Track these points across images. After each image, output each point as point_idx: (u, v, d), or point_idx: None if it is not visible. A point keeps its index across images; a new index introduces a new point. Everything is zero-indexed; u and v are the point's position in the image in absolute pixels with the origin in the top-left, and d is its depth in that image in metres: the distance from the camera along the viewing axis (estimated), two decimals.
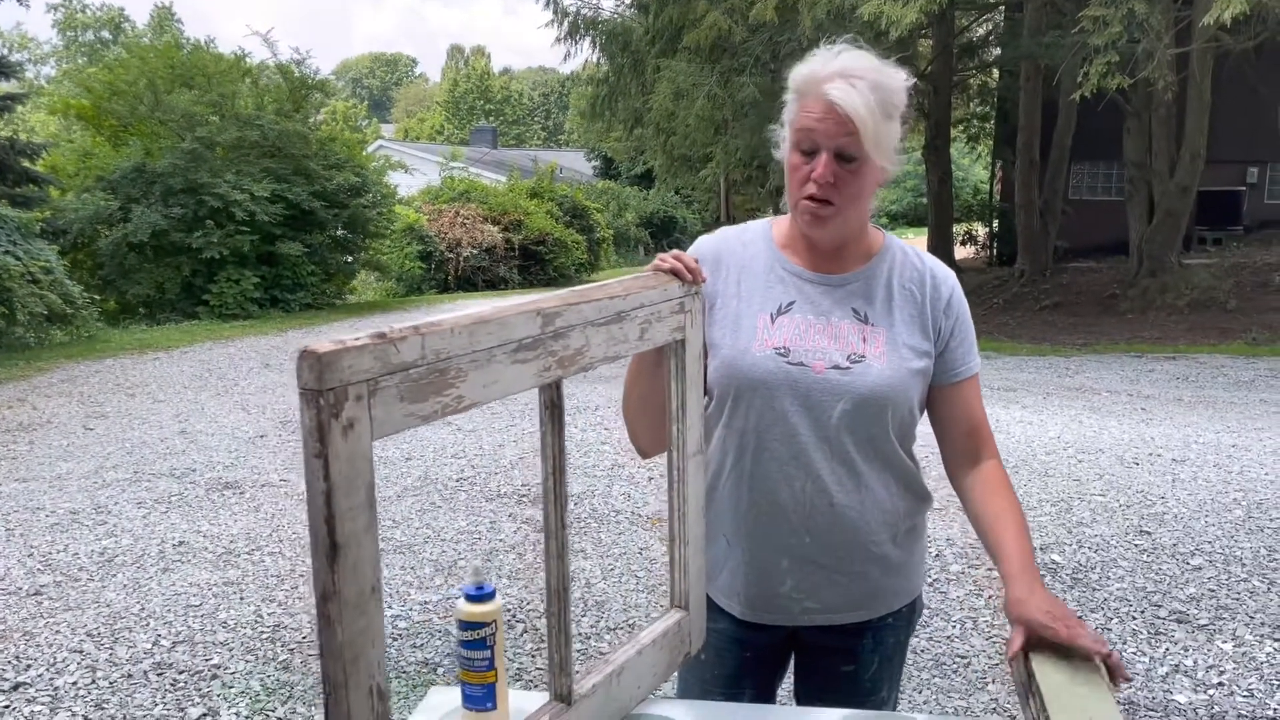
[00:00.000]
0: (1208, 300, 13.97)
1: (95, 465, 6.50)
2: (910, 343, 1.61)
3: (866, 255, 1.65)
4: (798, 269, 1.64)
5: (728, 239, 1.71)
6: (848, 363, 1.58)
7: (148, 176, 15.16)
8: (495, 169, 32.25)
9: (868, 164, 1.52)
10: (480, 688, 1.50)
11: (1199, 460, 6.29)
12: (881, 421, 1.60)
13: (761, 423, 1.62)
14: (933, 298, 1.63)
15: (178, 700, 3.37)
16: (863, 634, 1.72)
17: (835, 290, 1.63)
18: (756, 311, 1.63)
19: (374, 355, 0.97)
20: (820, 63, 1.52)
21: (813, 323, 1.61)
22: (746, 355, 1.61)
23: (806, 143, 1.53)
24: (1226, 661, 3.57)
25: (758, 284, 1.64)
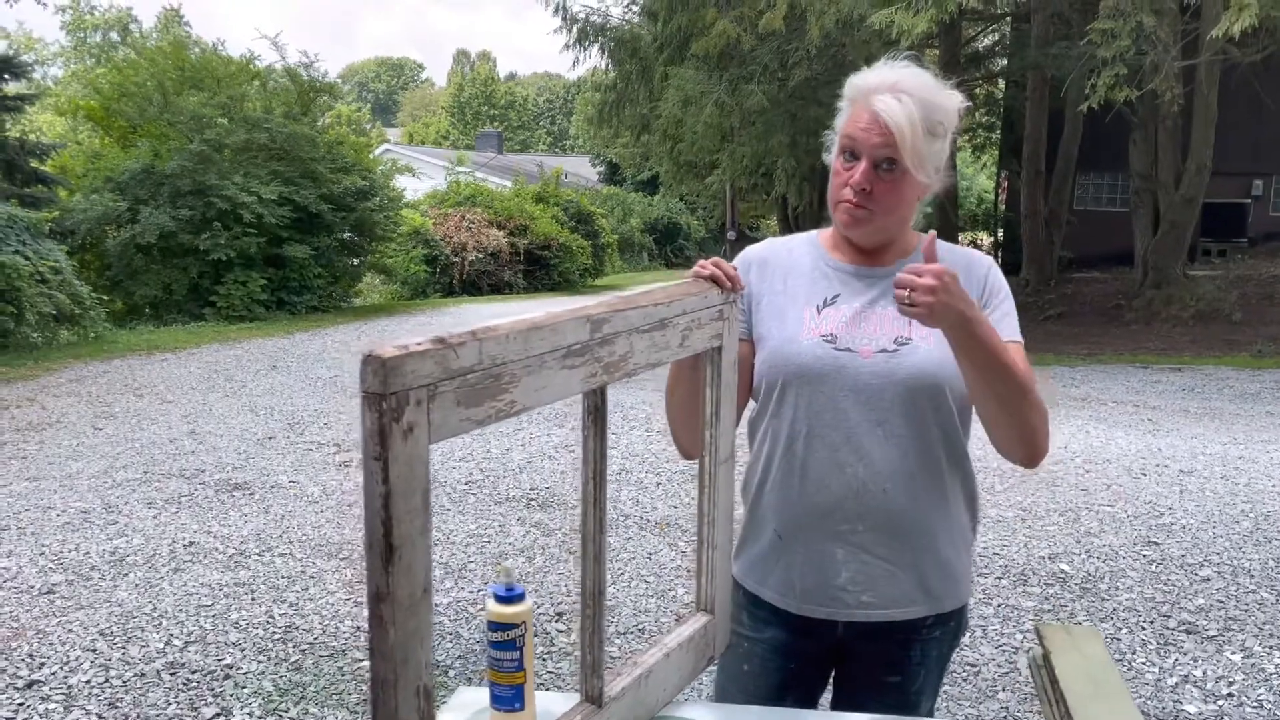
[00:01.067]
0: (1213, 312, 13.98)
1: (105, 465, 6.52)
2: None
3: (906, 250, 1.69)
4: (841, 264, 1.69)
5: (774, 245, 1.78)
6: (895, 345, 1.60)
7: (156, 178, 15.20)
8: (501, 174, 32.32)
9: (906, 176, 1.56)
10: (509, 688, 1.52)
11: (1206, 471, 6.31)
12: (934, 403, 1.62)
13: (811, 409, 1.63)
14: (969, 274, 1.66)
15: (190, 700, 3.39)
16: (910, 644, 1.71)
17: (880, 281, 1.66)
18: (803, 304, 1.67)
19: (435, 360, 0.98)
20: (877, 75, 1.58)
21: (859, 311, 1.64)
22: (794, 343, 1.64)
23: (850, 149, 1.59)
24: (1235, 672, 3.58)
25: (803, 280, 1.69)
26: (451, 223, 22.73)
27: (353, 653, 3.77)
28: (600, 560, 1.37)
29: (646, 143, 20.40)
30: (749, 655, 1.76)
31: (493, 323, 1.09)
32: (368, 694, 3.46)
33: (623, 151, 27.10)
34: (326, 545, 4.99)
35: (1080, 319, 15.32)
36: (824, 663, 1.78)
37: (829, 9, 12.11)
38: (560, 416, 8.27)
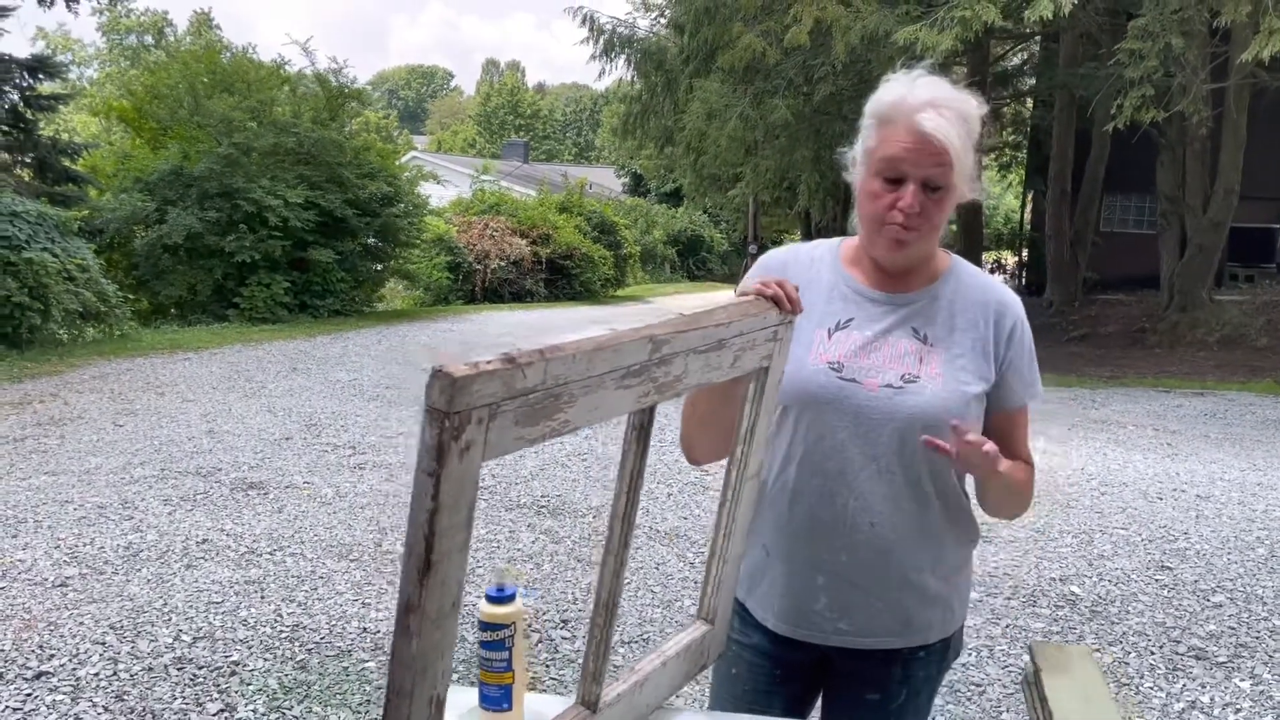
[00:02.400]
0: (1238, 337, 13.85)
1: (124, 461, 6.59)
2: (969, 366, 1.60)
3: (931, 276, 1.65)
4: (860, 286, 1.65)
5: (797, 254, 1.73)
6: (901, 382, 1.58)
7: (184, 179, 15.37)
8: (525, 183, 32.47)
9: (952, 193, 1.53)
10: (498, 688, 1.53)
11: (1223, 497, 6.25)
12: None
13: (810, 436, 1.62)
14: (996, 325, 1.63)
15: (196, 695, 3.41)
16: (892, 664, 1.71)
17: (897, 309, 1.63)
18: (815, 326, 1.63)
19: (502, 380, 0.97)
20: (904, 89, 1.52)
21: (870, 340, 1.61)
22: (801, 368, 1.61)
23: (892, 171, 1.52)
24: (1244, 700, 3.55)
25: (819, 299, 1.65)
26: (475, 230, 22.83)
27: (358, 653, 3.79)
28: (619, 574, 1.38)
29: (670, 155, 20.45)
30: (737, 659, 1.76)
31: (559, 341, 1.06)
32: (373, 696, 3.48)
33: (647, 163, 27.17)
34: (338, 546, 5.02)
35: (1104, 341, 15.21)
36: (812, 674, 1.77)
37: (854, 25, 12.12)
38: None
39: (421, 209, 18.80)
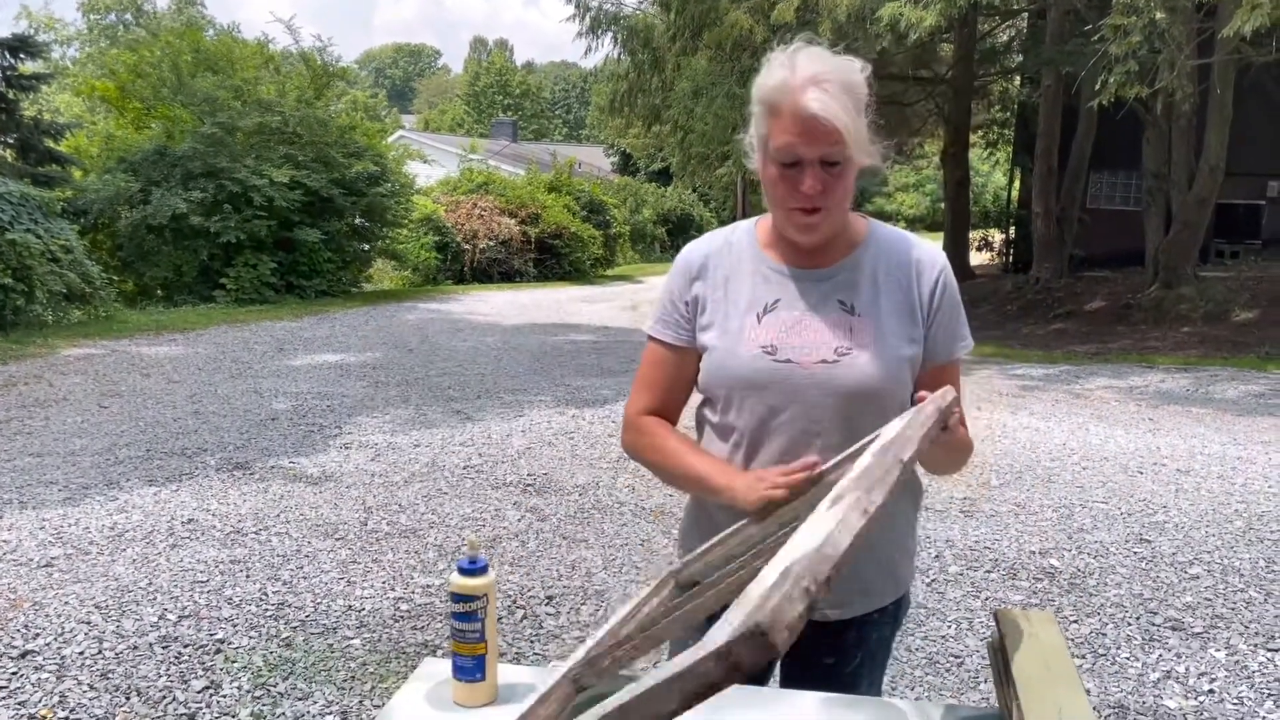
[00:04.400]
0: (1222, 313, 13.92)
1: (109, 442, 6.58)
2: (898, 330, 1.63)
3: (850, 245, 1.66)
4: (781, 267, 1.66)
5: (715, 241, 1.73)
6: (835, 356, 1.60)
7: (169, 159, 15.28)
8: (514, 162, 32.36)
9: (850, 164, 1.54)
10: (470, 659, 1.55)
11: (1203, 471, 6.30)
12: (875, 414, 1.62)
13: (752, 419, 1.65)
14: (920, 284, 1.65)
15: (181, 673, 3.43)
16: (847, 629, 1.74)
17: (821, 284, 1.64)
18: (744, 312, 1.65)
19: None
20: (785, 71, 1.51)
21: (799, 319, 1.63)
22: (734, 355, 1.63)
23: (787, 157, 1.53)
24: (1219, 669, 3.60)
25: (744, 285, 1.67)
26: (463, 210, 22.78)
27: (343, 631, 3.81)
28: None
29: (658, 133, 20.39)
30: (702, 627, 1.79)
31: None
32: (358, 672, 3.50)
33: (635, 142, 27.12)
34: (323, 525, 5.03)
35: (1089, 317, 15.27)
36: None
37: (841, 2, 12.08)
38: (561, 404, 8.31)
39: (409, 188, 18.73)
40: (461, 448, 6.70)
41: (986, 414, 8.21)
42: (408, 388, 8.93)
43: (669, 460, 1.70)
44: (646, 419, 1.76)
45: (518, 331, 13.55)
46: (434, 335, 12.79)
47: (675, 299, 1.72)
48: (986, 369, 11.13)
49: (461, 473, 6.09)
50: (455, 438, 6.98)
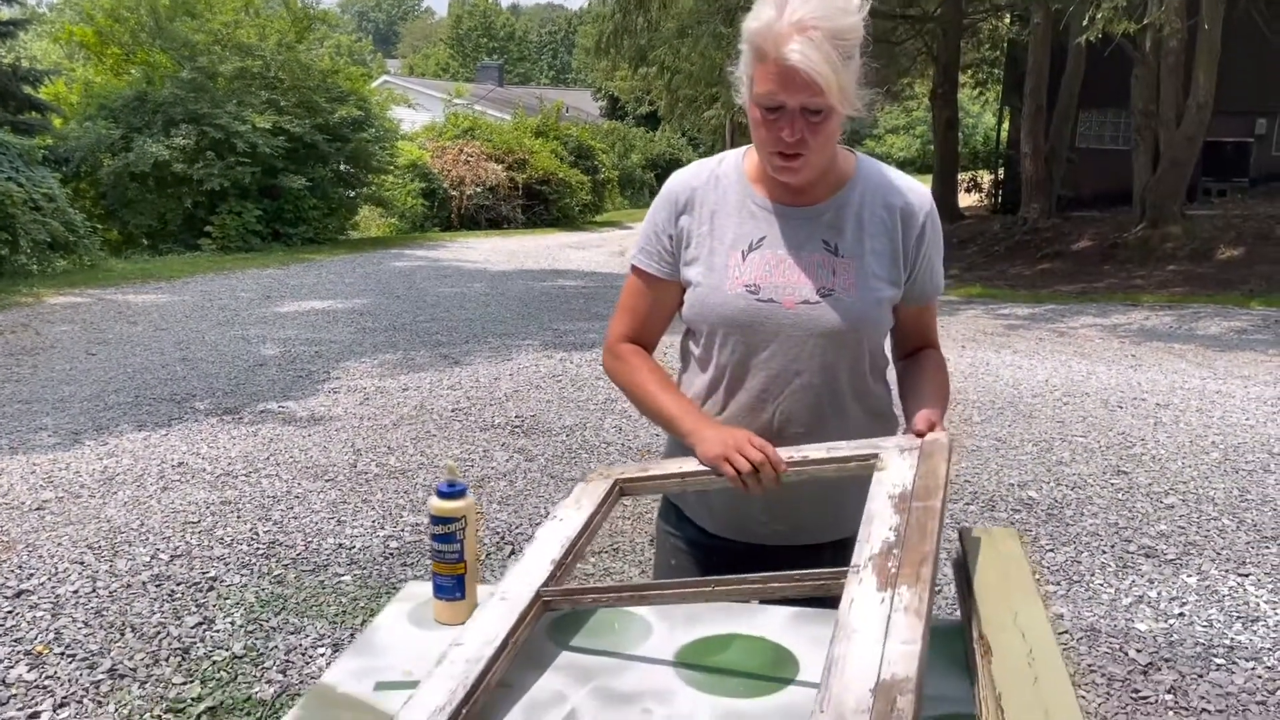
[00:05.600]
0: (1208, 251, 13.96)
1: (97, 389, 6.61)
2: (880, 272, 1.64)
3: (838, 183, 1.66)
4: (768, 203, 1.67)
5: (701, 176, 1.73)
6: (817, 297, 1.62)
7: (149, 106, 15.11)
8: (500, 107, 32.01)
9: (833, 112, 1.53)
10: (450, 578, 1.60)
11: (1182, 405, 6.39)
12: (854, 353, 1.66)
13: (734, 358, 1.68)
14: (905, 228, 1.66)
15: (175, 610, 3.50)
16: (822, 551, 1.79)
17: (807, 223, 1.65)
18: (728, 249, 1.66)
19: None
20: (772, 10, 1.48)
21: (783, 258, 1.64)
22: (718, 293, 1.65)
23: (770, 102, 1.52)
24: (1189, 594, 3.69)
25: (730, 221, 1.67)
26: (449, 156, 22.59)
27: (334, 568, 3.88)
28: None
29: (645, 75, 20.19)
30: (675, 552, 1.85)
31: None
32: (348, 607, 3.57)
33: (623, 85, 26.87)
34: (313, 468, 5.09)
35: (1077, 257, 15.30)
36: (749, 561, 1.85)
37: None
38: (549, 347, 8.34)
39: (393, 133, 18.56)
40: (450, 391, 6.74)
41: (971, 353, 8.28)
42: (395, 333, 8.95)
43: (641, 394, 1.74)
44: (625, 346, 1.79)
45: (505, 277, 13.54)
46: (421, 282, 12.77)
47: (659, 231, 1.73)
48: (973, 309, 11.19)
49: (450, 415, 6.14)
50: (443, 381, 7.02)
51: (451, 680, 1.28)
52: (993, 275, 14.62)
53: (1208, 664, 3.17)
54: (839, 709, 1.05)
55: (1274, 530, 4.29)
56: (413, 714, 1.23)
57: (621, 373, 1.78)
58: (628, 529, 4.30)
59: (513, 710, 1.33)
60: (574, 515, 1.65)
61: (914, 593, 1.23)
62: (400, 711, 1.23)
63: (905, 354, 1.81)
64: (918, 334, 1.78)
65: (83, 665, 3.10)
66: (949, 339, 8.90)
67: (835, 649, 1.15)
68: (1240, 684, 3.05)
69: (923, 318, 1.77)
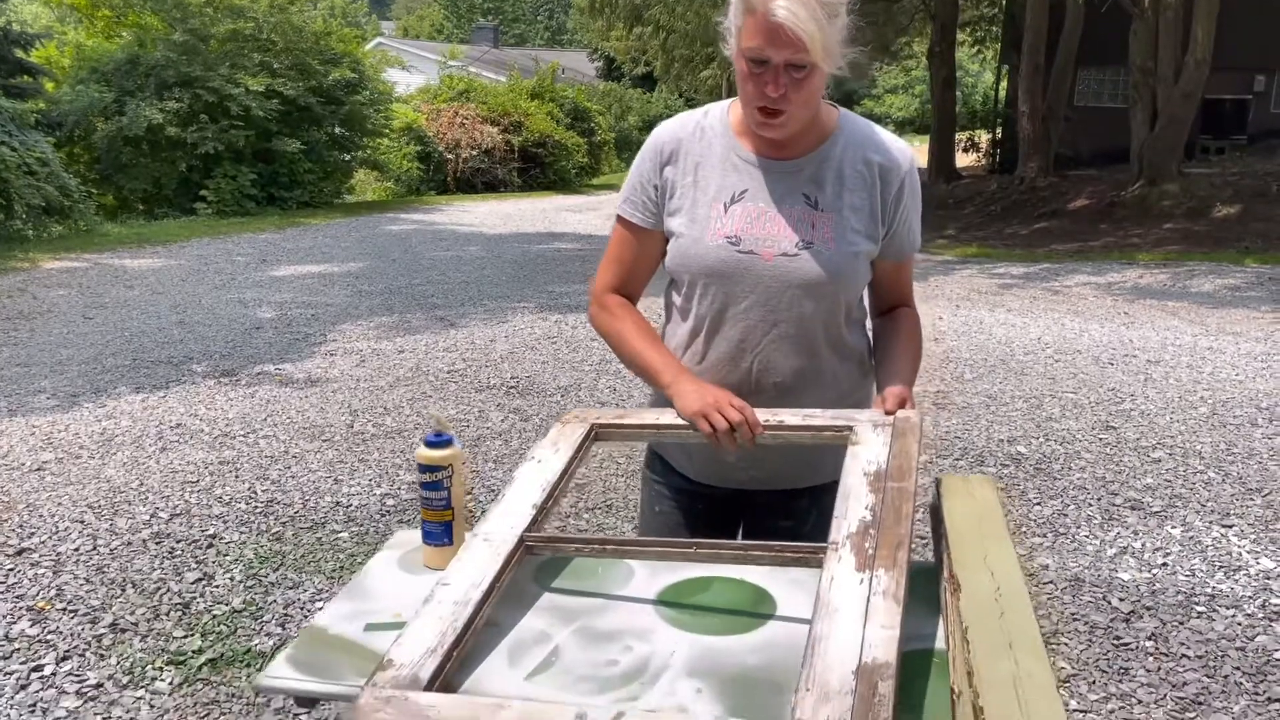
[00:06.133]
0: (1205, 209, 13.95)
1: (95, 352, 6.64)
2: (858, 227, 1.68)
3: (820, 138, 1.69)
4: (751, 156, 1.70)
5: (687, 127, 1.76)
6: (796, 249, 1.66)
7: (142, 69, 15.02)
8: (495, 69, 31.76)
9: (817, 70, 1.55)
10: (438, 525, 1.65)
11: (1173, 361, 6.43)
12: (831, 305, 1.70)
13: (714, 307, 1.72)
14: (884, 185, 1.69)
15: (175, 566, 3.56)
16: (801, 496, 1.84)
17: (788, 177, 1.68)
18: (711, 200, 1.69)
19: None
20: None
21: (764, 210, 1.67)
22: (699, 244, 1.69)
23: (755, 55, 1.55)
24: (1173, 545, 3.75)
25: (713, 173, 1.71)
26: (445, 119, 22.45)
27: (331, 525, 3.94)
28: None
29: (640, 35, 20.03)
30: (660, 499, 1.90)
31: None
32: (346, 563, 3.63)
33: (618, 44, 26.60)
34: (310, 428, 5.13)
35: (1074, 216, 15.27)
36: (730, 506, 1.90)
37: None
38: (545, 309, 8.37)
39: (387, 96, 18.45)
40: (445, 353, 6.78)
41: (965, 312, 8.31)
42: (391, 296, 8.96)
43: (625, 345, 1.77)
44: (611, 297, 1.82)
45: (501, 241, 13.52)
46: (417, 245, 12.77)
47: (644, 181, 1.76)
48: (968, 269, 11.21)
49: (445, 377, 6.18)
50: (439, 344, 7.05)
51: (440, 622, 1.33)
52: (989, 235, 14.60)
53: (1189, 612, 3.24)
54: (823, 687, 1.10)
55: (1259, 482, 4.35)
56: (403, 653, 1.27)
57: (607, 324, 1.82)
58: (621, 486, 4.36)
59: (499, 648, 1.38)
60: (552, 458, 1.69)
61: (891, 578, 1.29)
62: (390, 650, 1.27)
63: (881, 311, 1.85)
64: (894, 290, 1.82)
65: (84, 620, 3.16)
66: (944, 298, 8.92)
67: (817, 627, 1.21)
68: (1220, 630, 3.11)
69: (899, 274, 1.81)
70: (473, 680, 1.30)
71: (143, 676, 2.85)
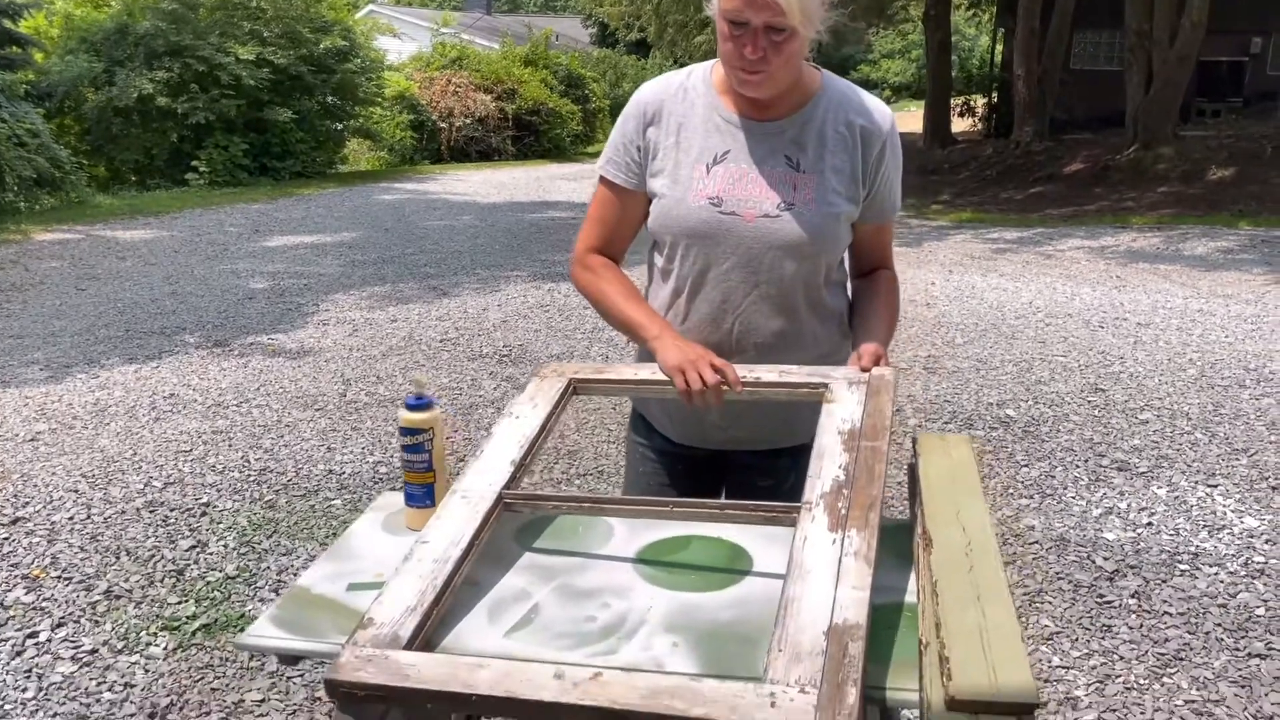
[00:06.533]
0: (1199, 172, 13.92)
1: (87, 323, 6.65)
2: (839, 189, 1.69)
3: (802, 100, 1.69)
4: (733, 116, 1.70)
5: (670, 88, 1.76)
6: (777, 211, 1.66)
7: (131, 38, 14.89)
8: (488, 35, 31.49)
9: (796, 34, 1.56)
10: (420, 487, 1.67)
11: (1163, 324, 6.45)
12: (811, 267, 1.71)
13: (696, 268, 1.73)
14: (865, 148, 1.69)
15: (169, 534, 3.59)
16: (781, 456, 1.86)
17: (770, 138, 1.69)
18: (694, 161, 1.70)
19: None
20: None
21: (746, 172, 1.68)
22: (682, 205, 1.70)
23: (735, 17, 1.55)
24: (1158, 505, 3.79)
25: (696, 134, 1.71)
26: (438, 86, 22.29)
27: (324, 493, 3.96)
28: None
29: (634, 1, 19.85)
30: (643, 460, 1.92)
31: None
32: (338, 530, 3.66)
33: (612, 10, 26.40)
34: (303, 397, 5.15)
35: (1068, 180, 15.24)
36: (712, 466, 1.93)
37: None
38: (538, 278, 8.37)
39: (379, 64, 18.31)
40: (438, 322, 6.79)
41: (957, 276, 8.31)
42: (384, 266, 8.95)
43: (609, 303, 1.79)
44: (594, 257, 1.83)
45: (495, 210, 13.49)
46: (410, 215, 12.73)
47: (627, 142, 1.76)
48: (962, 234, 11.20)
49: (438, 345, 6.19)
50: (432, 313, 7.06)
51: (420, 580, 1.35)
52: (984, 200, 14.57)
53: (1172, 570, 3.27)
54: (795, 648, 1.12)
55: (1245, 443, 4.38)
56: (383, 612, 1.29)
57: (589, 283, 1.83)
58: (613, 452, 4.39)
59: (479, 607, 1.40)
60: (530, 414, 1.70)
61: (863, 539, 1.30)
62: (370, 608, 1.30)
63: (861, 273, 1.86)
64: (874, 252, 1.84)
65: (79, 587, 3.19)
66: (937, 264, 8.93)
67: (790, 588, 1.23)
68: (1203, 588, 3.15)
69: (879, 236, 1.82)
70: (453, 637, 1.32)
71: (137, 642, 2.88)
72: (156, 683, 2.69)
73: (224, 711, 2.57)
